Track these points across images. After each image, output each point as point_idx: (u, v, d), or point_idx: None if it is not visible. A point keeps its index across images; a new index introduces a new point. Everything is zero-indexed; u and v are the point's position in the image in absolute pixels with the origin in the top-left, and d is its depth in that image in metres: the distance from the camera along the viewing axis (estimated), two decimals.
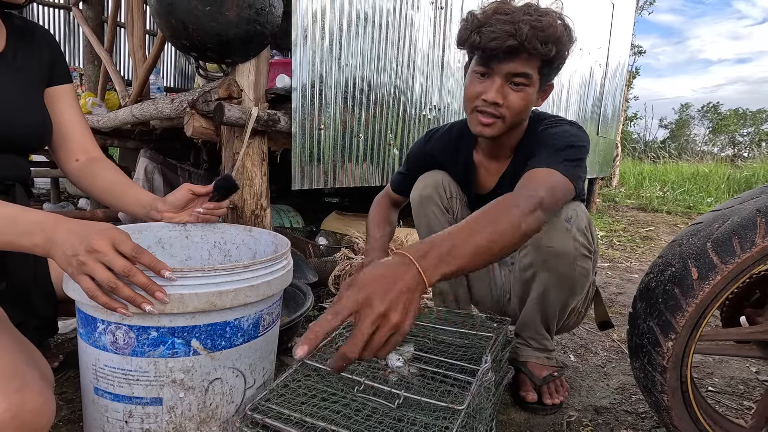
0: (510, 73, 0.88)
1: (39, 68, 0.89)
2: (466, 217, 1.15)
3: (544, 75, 0.91)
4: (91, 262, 0.59)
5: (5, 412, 0.56)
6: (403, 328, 0.57)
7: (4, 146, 0.82)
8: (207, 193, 0.93)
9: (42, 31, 0.93)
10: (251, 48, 1.33)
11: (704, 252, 0.76)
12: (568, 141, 0.92)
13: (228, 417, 0.74)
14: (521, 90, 0.89)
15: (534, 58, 0.87)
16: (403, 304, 0.57)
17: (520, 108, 0.91)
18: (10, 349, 0.64)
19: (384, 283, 0.57)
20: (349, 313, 0.55)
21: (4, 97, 0.80)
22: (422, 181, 1.15)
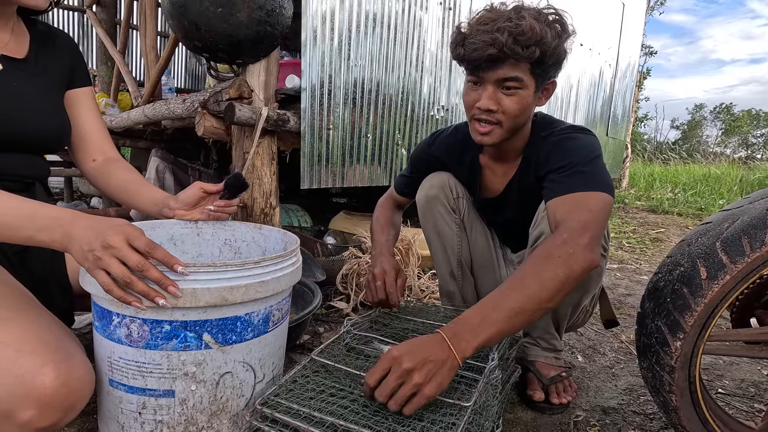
0: (499, 79, 0.88)
1: (59, 72, 0.92)
2: (472, 217, 1.16)
3: (538, 75, 0.90)
4: (106, 257, 0.61)
5: (55, 380, 0.60)
6: (424, 391, 0.66)
7: (24, 147, 0.84)
8: (218, 191, 0.95)
9: (64, 36, 0.96)
10: (262, 49, 1.35)
11: (713, 252, 0.76)
12: (588, 155, 0.90)
13: (238, 410, 0.75)
14: (514, 94, 0.89)
15: (521, 62, 0.86)
16: (428, 370, 0.66)
17: (516, 111, 0.91)
18: (52, 323, 0.69)
19: (416, 349, 0.68)
20: (386, 366, 0.67)
21: (25, 101, 0.83)
22: (428, 181, 1.15)
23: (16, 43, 0.85)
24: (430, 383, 0.66)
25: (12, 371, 0.60)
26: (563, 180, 0.87)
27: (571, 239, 0.75)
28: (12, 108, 0.80)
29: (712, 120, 21.07)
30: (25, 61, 0.85)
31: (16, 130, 0.80)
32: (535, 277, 0.73)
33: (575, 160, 0.89)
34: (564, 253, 0.74)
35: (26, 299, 0.73)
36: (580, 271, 0.74)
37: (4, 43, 0.82)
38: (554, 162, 0.91)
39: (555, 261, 0.73)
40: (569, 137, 0.95)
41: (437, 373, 0.67)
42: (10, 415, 0.60)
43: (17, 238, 0.65)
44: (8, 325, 0.64)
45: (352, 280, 1.63)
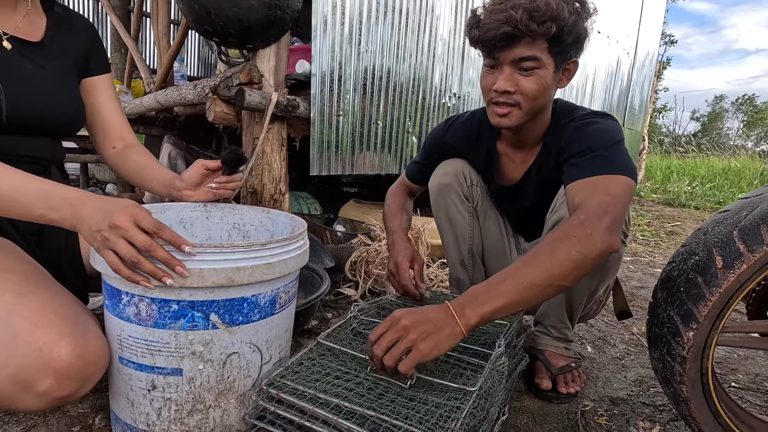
0: (516, 59, 0.86)
1: (76, 57, 0.92)
2: (486, 205, 1.15)
3: (557, 53, 0.87)
4: (114, 238, 0.62)
5: (72, 352, 0.62)
6: (419, 347, 0.67)
7: (39, 130, 0.85)
8: (219, 167, 0.95)
9: (82, 20, 0.96)
10: (272, 33, 1.34)
11: (730, 240, 0.74)
12: (609, 140, 0.87)
13: (245, 391, 0.76)
14: (532, 74, 0.87)
15: (538, 40, 0.84)
16: (425, 329, 0.68)
17: (535, 92, 0.88)
18: (68, 299, 0.71)
19: (418, 311, 0.70)
20: (387, 324, 0.70)
21: (39, 85, 0.83)
22: (441, 168, 1.13)
23: (31, 25, 0.85)
24: (426, 341, 0.67)
25: (31, 343, 0.61)
26: (583, 164, 0.85)
27: (589, 221, 0.73)
28: (24, 91, 0.81)
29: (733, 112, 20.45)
30: (40, 44, 0.85)
31: (28, 114, 0.81)
32: (548, 254, 0.71)
33: (596, 145, 0.86)
34: (581, 234, 0.72)
35: (44, 276, 0.74)
36: (597, 254, 0.72)
37: (16, 25, 0.83)
38: (574, 147, 0.89)
39: (570, 240, 0.71)
40: (590, 122, 0.92)
41: (434, 334, 0.67)
42: (29, 386, 0.62)
43: (30, 215, 0.66)
44: (27, 300, 0.65)
45: (361, 267, 1.64)
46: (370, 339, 0.71)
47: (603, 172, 0.82)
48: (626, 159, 0.85)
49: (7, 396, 0.64)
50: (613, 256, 0.95)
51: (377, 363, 0.70)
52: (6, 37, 0.80)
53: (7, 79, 0.77)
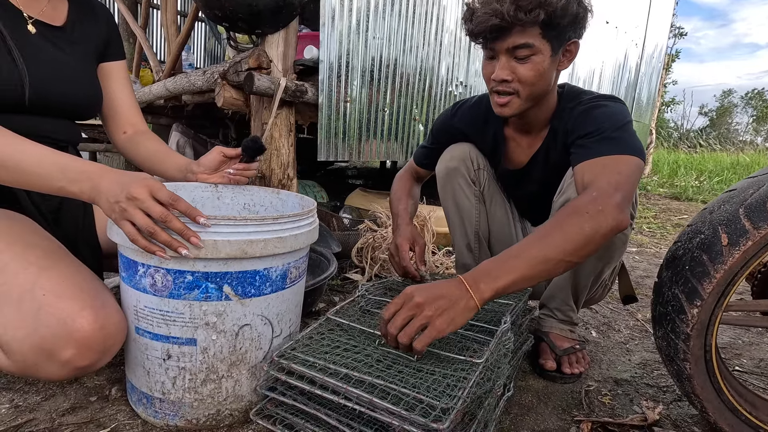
0: (510, 48, 0.87)
1: (95, 42, 0.94)
2: (492, 189, 1.15)
3: (552, 37, 0.87)
4: (131, 209, 0.64)
5: (94, 323, 0.65)
6: (435, 323, 0.67)
7: (59, 112, 0.88)
8: (237, 155, 0.97)
9: (101, 7, 0.98)
10: (281, 18, 1.35)
11: (736, 217, 0.74)
12: (616, 121, 0.87)
13: (256, 362, 0.78)
14: (528, 61, 0.88)
15: (529, 28, 0.84)
16: (440, 305, 0.68)
17: (532, 79, 0.89)
18: (88, 274, 0.74)
19: (432, 287, 0.70)
20: (400, 302, 0.70)
21: (62, 68, 0.85)
22: (448, 152, 1.14)
23: (54, 11, 0.87)
24: (442, 317, 0.67)
25: (54, 314, 0.64)
26: (591, 145, 0.86)
27: (600, 197, 0.74)
28: (47, 74, 0.83)
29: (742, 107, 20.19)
30: (62, 28, 0.87)
31: (51, 95, 0.83)
32: (560, 230, 0.72)
33: (604, 127, 0.87)
34: (593, 210, 0.72)
35: (64, 251, 0.77)
36: (608, 229, 0.72)
37: (40, 9, 0.85)
38: (582, 129, 0.89)
39: (582, 216, 0.72)
40: (598, 105, 0.93)
41: (450, 309, 0.68)
42: (52, 355, 0.64)
43: (50, 188, 0.68)
44: (50, 274, 0.68)
45: (367, 253, 1.65)
46: (383, 317, 0.71)
47: (612, 153, 0.82)
48: (635, 140, 0.86)
49: (31, 365, 0.66)
50: (620, 238, 0.96)
51: (391, 341, 0.70)
52: (31, 21, 0.82)
53: (30, 61, 0.79)
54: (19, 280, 0.67)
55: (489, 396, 0.75)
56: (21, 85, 0.77)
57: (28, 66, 0.78)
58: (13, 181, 0.68)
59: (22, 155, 0.66)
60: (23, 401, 0.83)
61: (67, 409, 0.81)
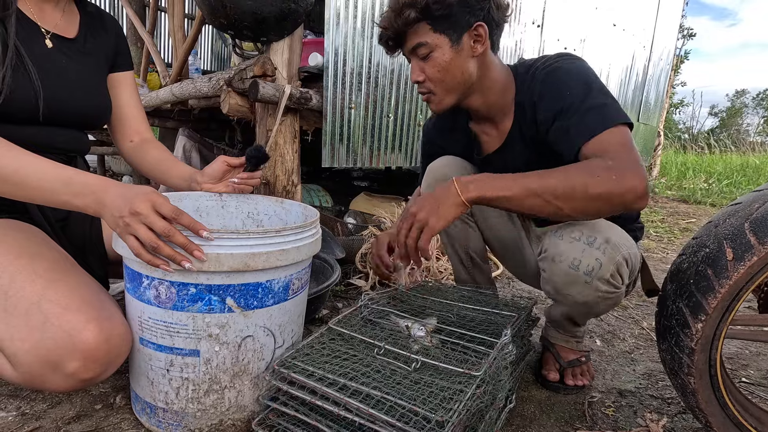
0: (410, 50, 0.91)
1: (105, 53, 0.96)
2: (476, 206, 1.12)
3: (445, 29, 0.86)
4: (134, 224, 0.64)
5: (99, 335, 0.66)
6: (429, 222, 0.76)
7: (70, 123, 0.89)
8: (241, 164, 0.97)
9: (111, 19, 1.00)
10: (286, 26, 1.36)
11: (741, 232, 0.73)
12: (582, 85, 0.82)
13: (259, 373, 0.78)
14: (429, 58, 0.89)
15: (415, 28, 0.87)
16: (431, 206, 0.77)
17: (438, 74, 0.89)
18: (94, 286, 0.75)
19: (425, 196, 0.80)
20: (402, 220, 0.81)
21: (74, 79, 0.87)
22: (429, 173, 1.14)
23: (67, 23, 0.89)
24: (432, 216, 0.77)
25: (60, 326, 0.65)
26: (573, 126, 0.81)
27: (616, 168, 0.73)
28: (61, 86, 0.84)
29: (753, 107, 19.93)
30: (74, 40, 0.89)
31: (64, 107, 0.85)
32: (564, 177, 0.75)
33: (574, 95, 0.82)
34: (605, 176, 0.73)
35: (71, 263, 0.78)
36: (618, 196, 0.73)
37: (55, 23, 0.86)
38: (551, 101, 0.84)
39: (593, 177, 0.73)
40: (554, 67, 0.87)
41: (439, 207, 0.77)
42: (58, 366, 0.65)
43: (55, 201, 0.69)
44: (57, 286, 0.69)
45: (372, 259, 1.66)
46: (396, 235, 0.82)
47: (600, 127, 0.79)
48: (610, 101, 0.82)
49: (37, 376, 0.67)
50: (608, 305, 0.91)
51: (401, 248, 0.81)
52: (48, 36, 0.84)
53: (45, 75, 0.80)
54: (27, 293, 0.68)
55: (490, 409, 0.75)
56: (35, 99, 0.79)
57: (42, 80, 0.79)
58: (18, 195, 0.69)
59: (27, 170, 0.67)
60: (30, 409, 0.84)
61: (73, 417, 0.82)
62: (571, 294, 0.89)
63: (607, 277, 0.85)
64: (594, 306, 0.91)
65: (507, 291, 1.74)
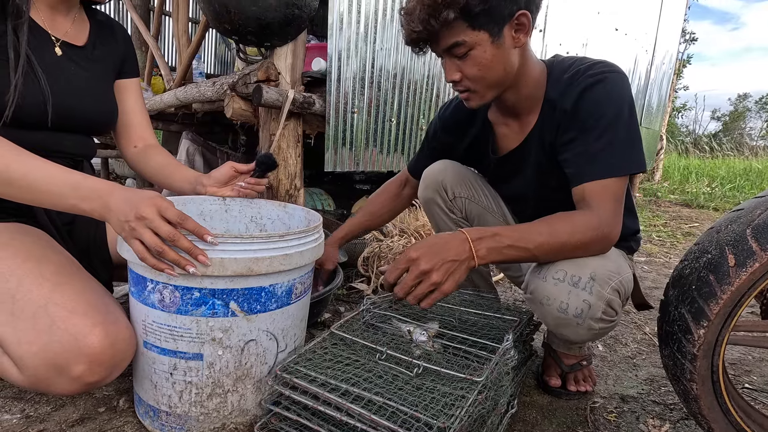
0: (445, 50, 0.85)
1: (113, 61, 0.98)
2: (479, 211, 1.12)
3: (483, 24, 0.80)
4: (140, 228, 0.65)
5: (104, 339, 0.67)
6: (442, 288, 0.73)
7: (79, 128, 0.91)
8: (248, 170, 0.98)
9: (120, 27, 1.02)
10: (289, 31, 1.37)
11: (743, 238, 0.74)
12: (614, 114, 0.82)
13: (261, 377, 0.79)
14: (467, 57, 0.83)
15: (452, 26, 0.80)
16: (446, 269, 0.73)
17: (479, 73, 0.84)
18: (99, 290, 0.76)
19: (435, 249, 0.74)
20: (404, 266, 0.75)
21: (82, 86, 0.88)
22: (425, 180, 1.12)
23: (77, 31, 0.90)
24: (448, 281, 0.74)
25: (67, 330, 0.66)
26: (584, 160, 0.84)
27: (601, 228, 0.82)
28: (70, 92, 0.86)
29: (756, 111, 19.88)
30: (83, 48, 0.90)
31: (72, 113, 0.86)
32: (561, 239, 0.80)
33: (602, 122, 0.82)
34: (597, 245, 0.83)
35: (77, 267, 0.79)
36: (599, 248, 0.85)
37: (65, 31, 0.87)
38: (581, 118, 0.84)
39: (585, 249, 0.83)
40: (598, 80, 0.84)
41: (455, 272, 0.74)
42: (63, 370, 0.66)
43: (62, 205, 0.70)
44: (63, 289, 0.69)
45: (374, 262, 1.66)
46: (387, 279, 0.77)
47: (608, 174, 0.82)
48: (627, 139, 0.83)
49: (42, 379, 0.68)
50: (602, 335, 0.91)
51: (396, 297, 0.77)
52: (58, 44, 0.85)
53: (54, 82, 0.82)
54: (34, 296, 0.69)
55: (492, 414, 0.75)
56: (45, 105, 0.80)
57: (52, 86, 0.80)
58: (27, 198, 0.70)
59: (36, 174, 0.68)
60: (34, 411, 0.85)
61: (77, 419, 0.83)
62: (565, 334, 0.89)
63: (598, 316, 0.83)
64: (591, 338, 0.92)
65: (509, 295, 1.74)
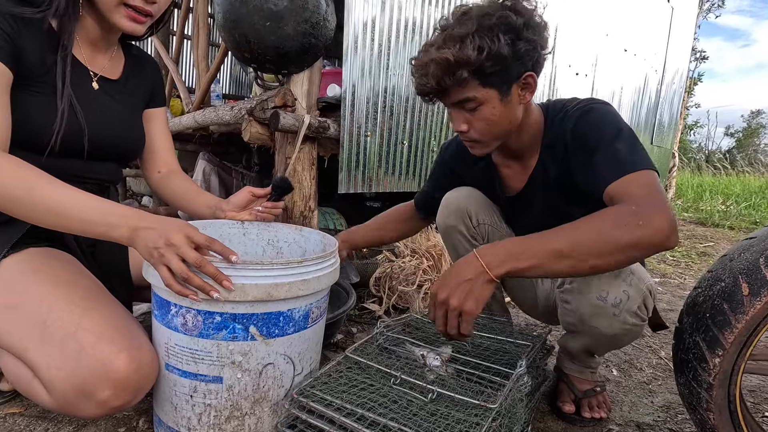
0: (454, 103, 0.87)
1: (143, 92, 1.04)
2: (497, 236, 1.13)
3: (494, 83, 0.83)
4: (168, 254, 0.68)
5: (130, 364, 0.69)
6: (465, 308, 0.73)
7: (110, 156, 0.96)
8: (265, 194, 1.02)
9: (151, 60, 1.08)
10: (306, 59, 1.42)
11: (756, 267, 0.74)
12: (614, 128, 0.83)
13: (278, 400, 0.80)
14: (476, 111, 0.87)
15: (464, 84, 0.83)
16: (462, 290, 0.73)
17: (486, 127, 0.88)
18: (124, 314, 0.78)
19: (449, 277, 0.75)
20: (432, 305, 0.78)
21: (116, 117, 0.94)
22: (446, 206, 1.12)
23: (113, 66, 0.96)
24: (468, 301, 0.73)
25: (94, 356, 0.68)
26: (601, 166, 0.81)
27: (641, 212, 0.70)
28: (104, 124, 0.91)
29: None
30: (117, 81, 0.96)
31: (106, 144, 0.92)
32: (591, 231, 0.70)
33: (605, 137, 0.83)
34: (633, 223, 0.69)
35: (103, 291, 0.82)
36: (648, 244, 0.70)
37: (102, 66, 0.93)
38: (584, 140, 0.85)
39: (621, 228, 0.69)
40: (589, 108, 0.88)
41: (472, 290, 0.72)
42: (90, 394, 0.68)
43: (94, 232, 0.73)
44: (91, 315, 0.73)
45: (385, 283, 1.67)
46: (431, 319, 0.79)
47: (630, 168, 0.78)
48: (636, 148, 0.82)
49: (71, 403, 0.70)
50: (632, 338, 0.92)
51: (447, 337, 0.78)
52: (95, 78, 0.91)
53: (90, 115, 0.87)
54: (64, 322, 0.71)
55: None
56: (81, 138, 0.85)
57: (88, 118, 0.85)
58: (60, 225, 0.73)
59: (71, 203, 0.72)
60: (57, 431, 0.87)
61: None
62: (597, 326, 0.89)
63: (634, 309, 0.86)
64: (620, 338, 0.92)
65: (521, 318, 1.73)
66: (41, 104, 0.81)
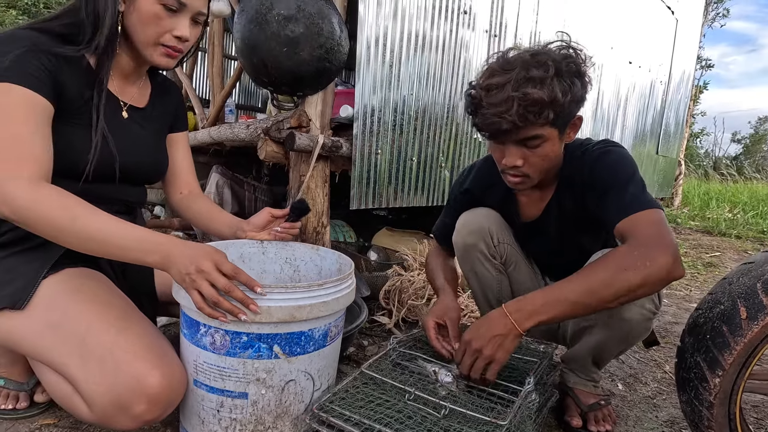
0: (519, 140, 0.89)
1: (167, 118, 1.10)
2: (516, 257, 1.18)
3: (559, 124, 0.89)
4: (199, 280, 0.73)
5: (162, 381, 0.75)
6: (496, 358, 0.84)
7: (138, 180, 1.02)
8: (284, 215, 1.07)
9: (175, 87, 1.14)
10: (321, 82, 1.49)
11: (754, 292, 0.78)
12: (629, 173, 0.92)
13: (298, 414, 0.85)
14: (538, 148, 0.90)
15: (545, 121, 0.86)
16: (494, 342, 0.84)
17: (543, 164, 0.93)
18: (155, 332, 0.84)
19: (483, 330, 0.86)
20: (462, 350, 0.88)
21: (143, 143, 1.00)
22: (465, 225, 1.13)
23: (140, 95, 1.03)
24: (499, 352, 0.84)
25: (130, 373, 0.74)
26: (614, 204, 0.89)
27: (647, 251, 0.78)
28: (133, 151, 0.97)
29: None
30: (144, 109, 1.02)
31: (135, 169, 0.98)
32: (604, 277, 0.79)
33: (621, 178, 0.91)
34: (641, 264, 0.77)
35: (134, 310, 0.87)
36: (658, 280, 0.78)
37: (132, 96, 0.99)
38: (600, 181, 0.93)
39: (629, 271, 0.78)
40: (607, 150, 0.96)
41: (503, 344, 0.84)
42: (126, 409, 0.74)
43: (130, 258, 0.79)
44: (127, 334, 0.78)
45: (395, 296, 1.72)
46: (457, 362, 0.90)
47: (638, 208, 0.86)
48: (646, 192, 0.90)
49: (109, 416, 0.76)
50: (645, 330, 0.98)
51: (466, 379, 0.89)
52: (125, 108, 0.97)
53: (120, 142, 0.93)
54: (102, 341, 0.77)
55: None
56: (113, 164, 0.90)
57: (118, 146, 0.91)
58: (100, 252, 0.79)
59: (110, 231, 0.77)
60: None
61: None
62: (618, 312, 0.94)
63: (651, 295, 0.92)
64: (635, 328, 0.97)
65: None
66: (79, 135, 0.87)
